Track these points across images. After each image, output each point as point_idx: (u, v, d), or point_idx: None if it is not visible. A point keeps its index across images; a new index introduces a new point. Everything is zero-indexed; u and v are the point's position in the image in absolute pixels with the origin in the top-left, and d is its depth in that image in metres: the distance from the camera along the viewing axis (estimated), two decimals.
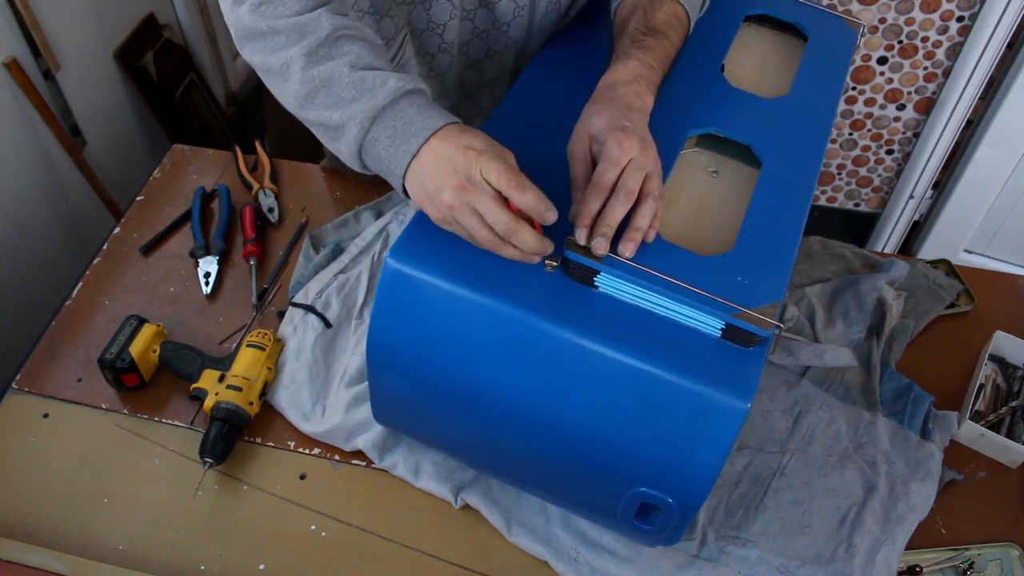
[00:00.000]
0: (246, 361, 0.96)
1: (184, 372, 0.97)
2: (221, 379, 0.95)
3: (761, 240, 0.73)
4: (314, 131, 0.77)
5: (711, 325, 0.68)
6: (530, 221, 0.68)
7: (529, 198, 0.66)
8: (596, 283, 0.70)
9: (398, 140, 0.69)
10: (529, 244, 0.67)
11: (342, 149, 0.73)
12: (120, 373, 0.95)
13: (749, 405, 0.65)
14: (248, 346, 0.98)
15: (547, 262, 0.71)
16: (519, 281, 0.70)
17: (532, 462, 0.78)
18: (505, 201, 0.67)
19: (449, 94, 1.05)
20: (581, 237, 0.68)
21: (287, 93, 0.75)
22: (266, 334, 1.00)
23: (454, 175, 0.66)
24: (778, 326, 0.66)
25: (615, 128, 0.71)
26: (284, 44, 0.74)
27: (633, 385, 0.67)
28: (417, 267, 0.70)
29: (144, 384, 0.98)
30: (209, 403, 0.93)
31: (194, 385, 0.95)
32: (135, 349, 0.96)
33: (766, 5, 1.00)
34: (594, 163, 0.73)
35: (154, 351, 0.98)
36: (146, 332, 0.98)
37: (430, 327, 0.71)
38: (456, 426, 0.80)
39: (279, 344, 1.01)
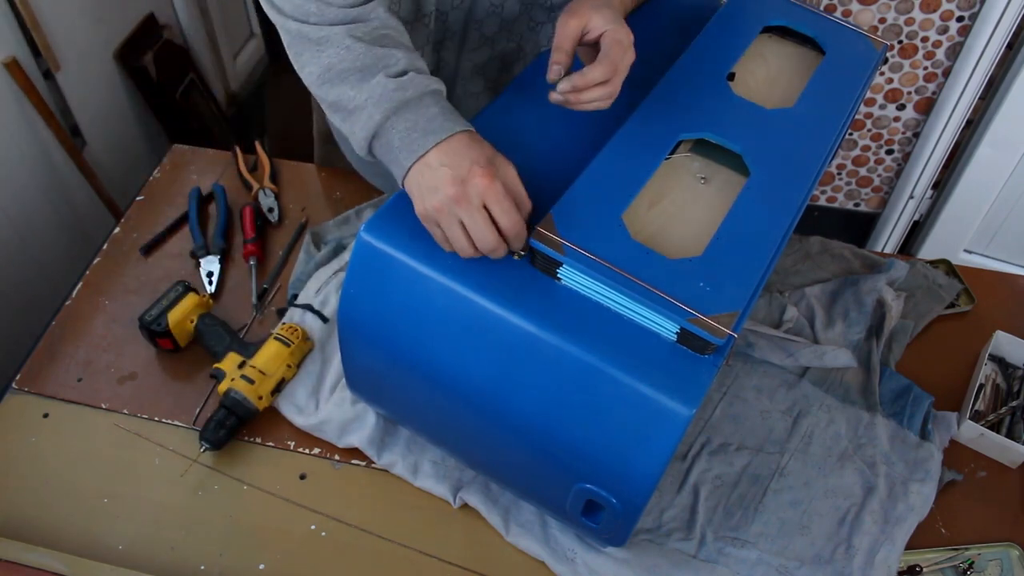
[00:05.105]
0: (268, 354, 0.96)
1: (211, 348, 0.99)
2: (241, 365, 0.95)
3: (733, 249, 0.72)
4: (326, 107, 0.78)
5: (667, 328, 0.68)
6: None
7: (512, 226, 0.69)
8: (559, 275, 0.71)
9: (415, 134, 0.72)
10: (498, 256, 0.71)
11: (356, 131, 0.75)
12: (155, 336, 0.98)
13: (694, 412, 0.65)
14: (275, 338, 0.97)
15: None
16: (484, 267, 0.71)
17: (487, 445, 0.80)
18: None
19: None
20: (554, 75, 0.74)
21: (316, 64, 0.76)
22: (296, 329, 0.99)
23: (452, 185, 0.69)
24: (732, 335, 0.66)
25: (617, 24, 0.76)
26: (332, 19, 0.76)
27: (582, 379, 0.68)
28: (388, 243, 0.73)
29: (179, 349, 1.01)
30: (223, 387, 0.93)
31: (216, 364, 0.96)
32: (173, 316, 0.98)
33: (788, 17, 0.97)
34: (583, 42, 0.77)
35: (192, 321, 1.00)
36: (189, 301, 1.00)
37: (396, 302, 0.74)
38: (418, 401, 0.81)
39: (307, 344, 1.00)
